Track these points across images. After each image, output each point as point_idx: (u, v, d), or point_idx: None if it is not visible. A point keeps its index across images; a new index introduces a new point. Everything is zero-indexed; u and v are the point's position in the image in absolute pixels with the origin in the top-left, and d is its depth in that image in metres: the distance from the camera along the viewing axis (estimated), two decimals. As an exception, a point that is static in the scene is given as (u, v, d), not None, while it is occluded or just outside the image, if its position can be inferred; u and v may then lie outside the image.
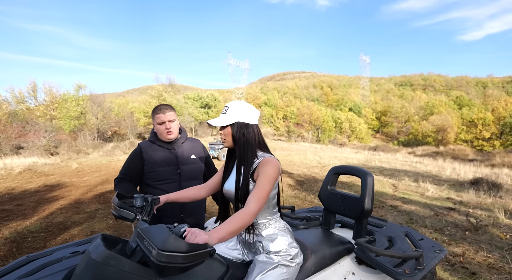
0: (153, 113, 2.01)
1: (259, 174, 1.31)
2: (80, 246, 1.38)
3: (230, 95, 72.43)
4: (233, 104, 1.41)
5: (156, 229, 0.91)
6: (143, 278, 1.02)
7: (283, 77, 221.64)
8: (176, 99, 35.24)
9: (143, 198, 1.33)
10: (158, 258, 0.83)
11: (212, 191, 1.61)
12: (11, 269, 1.18)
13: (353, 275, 1.53)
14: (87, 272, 0.98)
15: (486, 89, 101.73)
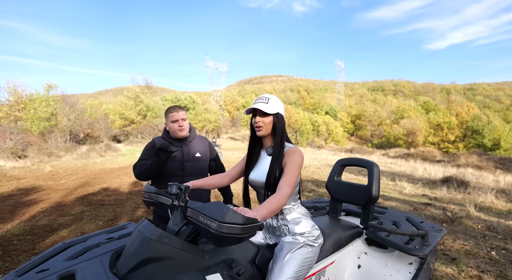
0: (167, 113, 2.18)
1: (287, 162, 1.41)
2: (111, 233, 1.41)
3: (208, 98, 71.87)
4: (272, 96, 1.49)
5: (213, 205, 0.99)
6: (192, 254, 1.10)
7: (260, 81, 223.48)
8: (153, 101, 34.41)
9: (177, 185, 1.40)
10: (219, 229, 0.92)
11: (234, 180, 1.70)
12: (50, 255, 1.21)
13: (365, 255, 1.68)
14: (142, 249, 1.04)
15: (450, 95, 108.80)
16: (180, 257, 1.07)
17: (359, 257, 1.67)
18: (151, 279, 1.00)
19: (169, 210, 1.40)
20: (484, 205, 6.72)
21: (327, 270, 1.53)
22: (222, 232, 0.92)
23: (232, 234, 0.92)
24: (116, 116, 32.55)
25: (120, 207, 5.60)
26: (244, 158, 1.67)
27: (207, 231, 0.96)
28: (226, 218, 0.92)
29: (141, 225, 1.14)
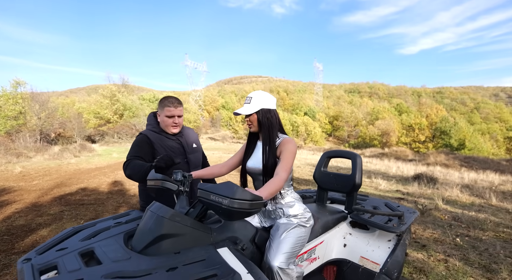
0: (162, 104, 1.99)
1: (283, 150, 1.56)
2: (117, 219, 1.48)
3: (187, 97, 70.83)
4: (255, 94, 1.64)
5: (224, 185, 1.10)
6: (201, 231, 1.21)
7: (240, 81, 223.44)
8: (130, 100, 33.45)
9: (182, 173, 1.51)
10: (230, 205, 1.04)
11: (232, 169, 1.82)
12: (63, 238, 1.26)
13: (350, 235, 1.86)
14: (157, 227, 1.14)
15: (421, 97, 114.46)
16: (191, 234, 1.17)
17: (345, 237, 1.85)
18: (165, 252, 1.10)
19: (175, 195, 1.49)
20: (450, 198, 7.25)
21: (317, 248, 1.69)
22: (233, 207, 1.04)
23: (242, 209, 1.05)
24: (91, 116, 31.32)
25: (101, 206, 5.50)
26: (241, 149, 1.80)
27: (219, 207, 1.08)
28: (236, 195, 1.04)
29: (153, 207, 1.23)
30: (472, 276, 3.13)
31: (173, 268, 1.00)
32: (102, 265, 1.01)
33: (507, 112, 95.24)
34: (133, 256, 1.07)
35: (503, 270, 3.27)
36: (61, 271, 0.98)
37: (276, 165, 1.57)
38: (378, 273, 1.60)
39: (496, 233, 4.57)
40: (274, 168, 1.57)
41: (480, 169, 17.71)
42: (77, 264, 1.02)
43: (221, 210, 1.07)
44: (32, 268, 1.00)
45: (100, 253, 1.09)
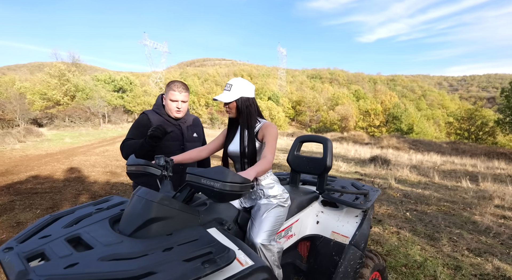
0: (168, 88, 2.01)
1: (265, 134, 1.61)
2: (97, 205, 1.43)
3: (147, 79, 67.15)
4: (235, 81, 1.64)
5: (215, 169, 1.12)
6: (189, 213, 1.23)
7: (203, 63, 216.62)
8: (83, 81, 30.69)
9: (164, 158, 1.50)
10: (222, 187, 1.07)
11: (212, 153, 1.83)
12: (42, 225, 1.20)
13: (322, 213, 2.01)
14: (146, 211, 1.13)
15: (376, 84, 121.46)
16: (180, 216, 1.19)
17: (317, 215, 1.99)
18: (156, 235, 1.11)
19: (158, 180, 1.48)
20: (401, 178, 8.00)
21: (293, 226, 1.80)
22: (225, 190, 1.07)
23: (233, 191, 1.09)
24: (36, 97, 28.31)
25: (58, 195, 5.15)
26: (221, 134, 1.82)
27: (210, 190, 1.10)
28: (228, 178, 1.08)
29: (139, 192, 1.21)
30: (419, 245, 3.56)
31: (168, 248, 1.01)
32: (94, 249, 0.99)
33: (448, 99, 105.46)
34: (124, 239, 1.06)
35: (443, 238, 3.76)
36: (52, 257, 0.94)
37: (255, 149, 1.64)
38: (347, 245, 1.77)
39: (438, 207, 5.19)
40: (253, 152, 1.63)
41: (425, 151, 19.61)
42: (67, 250, 0.98)
43: (213, 193, 1.10)
44: (18, 256, 0.95)
45: (89, 238, 1.06)
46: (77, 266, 0.90)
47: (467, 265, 3.06)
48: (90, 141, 16.95)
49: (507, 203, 5.51)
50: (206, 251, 1.01)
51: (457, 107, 57.41)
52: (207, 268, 0.91)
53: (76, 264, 0.91)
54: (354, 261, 1.72)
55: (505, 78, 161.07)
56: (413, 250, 3.39)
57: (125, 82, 42.35)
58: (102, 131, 24.23)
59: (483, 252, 3.41)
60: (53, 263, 0.91)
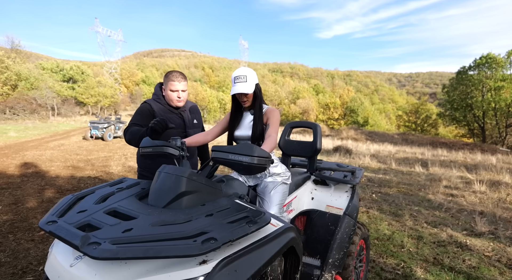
0: (167, 78, 2.03)
1: (269, 117, 1.72)
2: (114, 186, 1.43)
3: (100, 69, 62.47)
4: (247, 71, 1.70)
5: (242, 145, 1.21)
6: (213, 188, 1.31)
7: (161, 54, 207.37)
8: (27, 69, 27.49)
9: (180, 139, 1.54)
10: (251, 161, 1.17)
11: (216, 137, 1.90)
12: (69, 205, 1.19)
13: (315, 190, 2.19)
14: (177, 186, 1.19)
15: (334, 79, 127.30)
16: (206, 190, 1.26)
17: (311, 192, 2.17)
18: (188, 206, 1.17)
19: (176, 160, 1.52)
20: (363, 165, 8.65)
21: (292, 202, 1.96)
22: (253, 163, 1.17)
23: (260, 164, 1.19)
24: (-31, 86, 24.87)
25: (18, 190, 4.74)
26: (224, 119, 1.89)
27: (239, 164, 1.19)
28: (255, 153, 1.18)
29: (167, 169, 1.25)
30: (386, 221, 3.98)
31: (209, 214, 1.09)
32: (138, 219, 1.02)
33: (397, 95, 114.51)
34: (162, 210, 1.11)
35: (405, 214, 4.24)
36: (102, 226, 0.96)
37: (263, 131, 1.74)
38: (342, 215, 1.97)
39: (398, 189, 5.78)
40: (262, 134, 1.74)
41: (380, 141, 21.25)
42: (112, 220, 1.01)
43: (242, 167, 1.19)
44: (69, 226, 0.95)
45: (127, 211, 1.09)
46: (133, 231, 0.94)
47: (427, 235, 3.52)
48: (39, 135, 15.48)
49: (453, 184, 6.32)
50: (243, 216, 1.11)
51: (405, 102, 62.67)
52: (251, 227, 1.01)
53: (131, 229, 0.95)
54: (349, 228, 1.94)
55: (445, 75, 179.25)
56: (382, 226, 3.78)
57: (75, 71, 38.96)
58: (52, 125, 22.19)
59: (438, 224, 3.93)
60: (108, 230, 0.95)
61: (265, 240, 1.08)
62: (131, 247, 0.86)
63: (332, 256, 1.81)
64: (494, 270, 2.73)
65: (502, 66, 26.44)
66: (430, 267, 2.77)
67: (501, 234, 3.58)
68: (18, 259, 2.55)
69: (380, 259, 2.88)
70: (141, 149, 1.56)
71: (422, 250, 3.12)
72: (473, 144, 23.16)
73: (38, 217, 3.59)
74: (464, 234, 3.61)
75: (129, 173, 6.61)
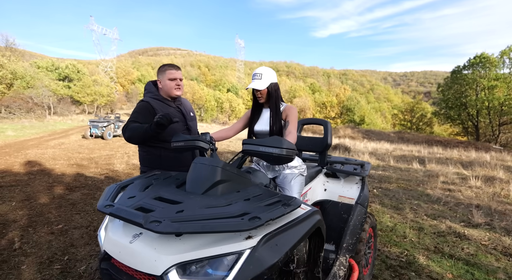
0: (163, 69, 2.06)
1: (288, 114, 1.86)
2: (149, 177, 1.56)
3: (95, 68, 61.95)
4: (263, 70, 1.86)
5: (272, 139, 1.34)
6: (244, 177, 1.45)
7: (156, 53, 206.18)
8: (22, 67, 27.23)
9: (209, 134, 1.68)
10: (280, 152, 1.30)
11: (237, 132, 2.04)
12: (116, 193, 1.32)
13: (327, 182, 2.34)
14: (213, 175, 1.32)
15: (330, 78, 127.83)
16: (238, 179, 1.40)
17: (324, 184, 2.33)
18: (224, 193, 1.31)
19: (205, 152, 1.65)
20: (362, 162, 8.85)
21: (308, 193, 2.11)
22: (283, 155, 1.31)
23: (289, 155, 1.33)
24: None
25: (28, 187, 4.82)
26: (245, 115, 2.03)
27: (269, 156, 1.33)
28: (284, 145, 1.31)
29: (202, 160, 1.39)
30: (388, 214, 4.15)
31: (247, 199, 1.23)
32: (184, 203, 1.16)
33: (392, 93, 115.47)
34: (202, 196, 1.24)
35: (406, 208, 4.42)
36: (155, 209, 1.10)
37: (281, 127, 1.88)
38: (355, 204, 2.13)
39: (398, 184, 5.97)
40: (280, 130, 1.88)
41: (377, 140, 21.54)
42: (162, 204, 1.15)
43: (272, 158, 1.33)
44: (128, 207, 1.09)
45: (171, 196, 1.22)
46: (185, 212, 1.08)
47: (427, 226, 3.70)
48: (38, 134, 15.42)
49: (450, 180, 6.54)
50: (276, 200, 1.25)
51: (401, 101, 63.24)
52: (287, 209, 1.15)
53: (182, 211, 1.09)
54: (361, 216, 2.09)
55: (439, 74, 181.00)
56: (384, 218, 3.96)
57: (71, 70, 38.65)
58: (49, 124, 22.07)
59: (437, 216, 4.12)
60: (162, 211, 1.08)
61: (297, 220, 1.23)
62: (189, 224, 1.00)
63: (346, 242, 1.97)
64: (490, 257, 2.91)
65: (496, 66, 26.91)
66: (431, 255, 2.94)
67: (496, 225, 3.77)
68: (42, 250, 2.67)
69: (385, 248, 3.05)
70: (172, 143, 1.68)
71: (423, 240, 3.30)
72: (467, 142, 23.59)
73: (53, 212, 3.70)
74: (462, 225, 3.79)
75: (134, 171, 6.70)
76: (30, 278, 2.22)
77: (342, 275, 1.87)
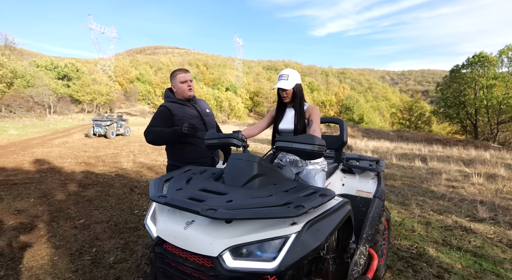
0: (174, 75, 2.29)
1: (311, 114, 1.98)
2: (186, 172, 1.68)
3: (93, 67, 61.66)
4: (290, 72, 1.99)
5: (304, 136, 1.46)
6: (276, 171, 1.56)
7: (154, 51, 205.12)
8: (22, 66, 27.13)
9: (241, 131, 1.80)
10: (312, 149, 1.42)
11: (262, 131, 2.16)
12: (162, 186, 1.44)
13: (345, 178, 2.47)
14: (251, 169, 1.43)
15: (328, 77, 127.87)
16: (272, 173, 1.51)
17: (342, 180, 2.45)
18: (261, 186, 1.42)
19: (237, 149, 1.77)
20: (365, 160, 8.98)
21: (328, 187, 2.23)
22: (315, 150, 1.42)
23: (320, 151, 1.44)
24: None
25: (42, 184, 4.92)
26: (269, 114, 2.16)
27: (303, 151, 1.44)
28: (316, 142, 1.43)
29: (239, 156, 1.49)
30: (395, 209, 4.29)
31: (285, 190, 1.34)
32: (229, 194, 1.28)
33: (390, 92, 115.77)
34: (243, 188, 1.36)
35: (412, 204, 4.56)
36: (205, 199, 1.21)
37: (305, 126, 2.00)
38: (372, 198, 2.25)
39: (402, 182, 6.11)
40: (304, 129, 2.00)
41: (376, 138, 21.72)
42: (210, 195, 1.26)
43: (305, 153, 1.44)
44: (182, 197, 1.21)
45: (215, 189, 1.33)
46: (234, 202, 1.20)
47: (434, 221, 3.84)
48: (40, 132, 15.47)
49: (452, 177, 6.69)
50: (311, 191, 1.36)
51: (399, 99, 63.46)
52: (324, 198, 1.27)
53: (232, 200, 1.21)
54: (379, 209, 2.22)
55: (437, 73, 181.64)
56: (392, 214, 4.09)
57: (70, 69, 38.54)
58: (50, 122, 22.08)
59: (443, 211, 4.25)
60: (213, 201, 1.20)
61: (333, 209, 1.35)
62: (242, 211, 1.12)
63: (365, 232, 2.09)
64: (496, 249, 3.05)
65: (494, 65, 27.14)
66: (440, 247, 3.07)
67: (500, 219, 3.91)
68: (70, 242, 2.78)
69: (395, 241, 3.18)
70: (206, 140, 1.79)
71: (431, 233, 3.43)
72: (466, 141, 23.84)
73: (71, 208, 3.80)
74: (468, 220, 3.93)
75: (142, 169, 6.80)
76: (64, 268, 2.33)
77: (362, 263, 1.99)
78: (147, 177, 5.96)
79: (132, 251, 2.67)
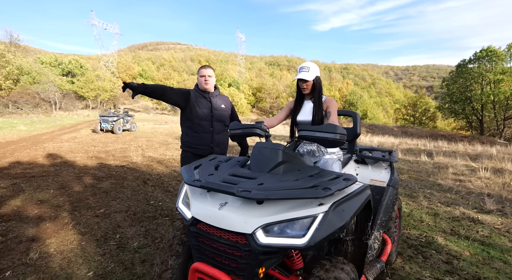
0: (199, 71, 2.63)
1: (329, 106, 2.07)
2: (212, 160, 1.78)
3: (96, 63, 61.78)
4: (310, 64, 2.08)
5: (327, 126, 1.55)
6: (299, 159, 1.66)
7: (156, 47, 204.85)
8: (27, 63, 27.31)
9: (263, 122, 1.90)
10: (334, 137, 1.51)
11: (280, 122, 2.26)
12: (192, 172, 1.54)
13: (358, 168, 2.56)
14: (276, 156, 1.53)
15: (331, 72, 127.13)
16: (295, 160, 1.61)
17: (355, 170, 2.55)
18: (286, 172, 1.52)
19: (260, 138, 1.88)
20: (371, 155, 9.06)
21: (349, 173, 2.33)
22: (337, 139, 1.52)
23: (341, 140, 1.54)
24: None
25: (59, 177, 5.08)
26: (287, 106, 2.26)
27: (325, 140, 1.54)
28: (338, 131, 1.52)
29: (265, 144, 1.59)
30: (404, 201, 4.38)
31: (311, 175, 1.44)
32: (259, 178, 1.38)
33: (394, 88, 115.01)
34: (271, 174, 1.46)
35: (420, 196, 4.65)
36: (237, 182, 1.32)
37: (322, 117, 2.10)
38: (386, 186, 2.35)
39: (409, 175, 6.19)
40: (321, 120, 2.09)
41: (381, 134, 21.71)
42: (241, 179, 1.37)
43: (328, 142, 1.54)
44: (216, 181, 1.32)
45: (244, 174, 1.44)
46: (265, 185, 1.30)
47: (442, 212, 3.93)
48: (48, 128, 15.68)
49: (459, 171, 6.76)
50: (335, 176, 1.46)
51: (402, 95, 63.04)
52: (348, 182, 1.37)
53: (262, 184, 1.31)
54: (393, 197, 2.32)
55: (441, 68, 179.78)
56: (400, 205, 4.18)
57: (74, 65, 38.77)
58: (56, 118, 22.32)
59: (450, 203, 4.34)
60: (245, 184, 1.30)
61: (355, 193, 1.45)
62: (274, 192, 1.23)
63: (380, 219, 2.19)
64: (504, 239, 3.14)
65: (503, 59, 26.82)
66: (448, 236, 3.17)
67: (508, 211, 4.00)
68: (94, 229, 2.92)
69: (405, 231, 3.28)
70: (230, 130, 1.90)
71: (439, 223, 3.53)
72: (471, 137, 23.77)
73: (90, 198, 3.94)
74: (475, 211, 4.02)
75: (152, 162, 6.94)
76: (93, 252, 2.47)
77: (376, 248, 2.10)
78: (158, 170, 6.09)
79: (153, 238, 2.80)
